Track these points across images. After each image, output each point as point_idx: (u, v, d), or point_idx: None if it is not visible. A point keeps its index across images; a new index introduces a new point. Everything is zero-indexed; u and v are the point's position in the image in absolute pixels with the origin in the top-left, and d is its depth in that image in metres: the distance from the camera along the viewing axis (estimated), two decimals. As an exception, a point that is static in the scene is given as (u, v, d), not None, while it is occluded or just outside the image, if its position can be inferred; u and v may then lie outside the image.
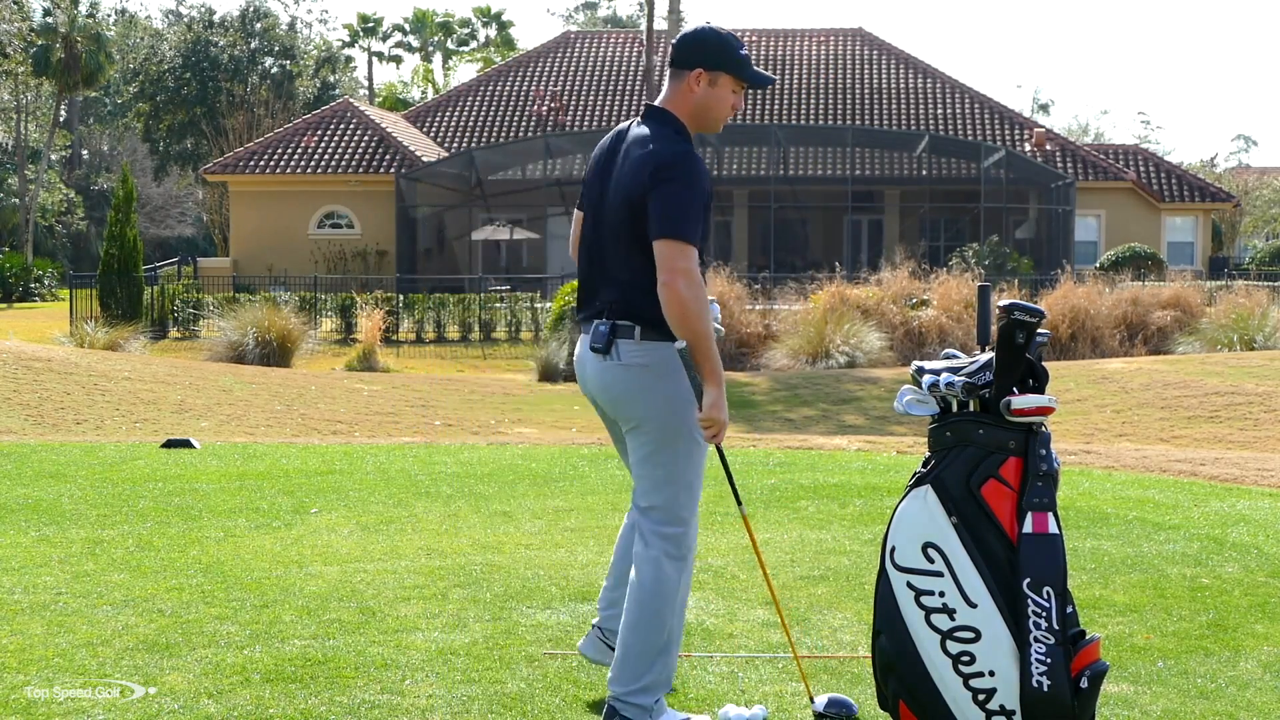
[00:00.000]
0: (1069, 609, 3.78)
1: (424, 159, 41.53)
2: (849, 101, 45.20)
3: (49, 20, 51.32)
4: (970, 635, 3.77)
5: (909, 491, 3.92)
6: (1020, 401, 3.81)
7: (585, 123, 45.07)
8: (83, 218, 60.99)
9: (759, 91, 45.78)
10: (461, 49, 73.44)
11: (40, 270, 48.51)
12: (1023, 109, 77.52)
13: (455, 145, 44.20)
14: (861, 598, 5.64)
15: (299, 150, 42.36)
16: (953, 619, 3.79)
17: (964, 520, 3.82)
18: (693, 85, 4.18)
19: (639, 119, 4.30)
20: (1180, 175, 44.80)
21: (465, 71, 71.15)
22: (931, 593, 3.82)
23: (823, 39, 48.05)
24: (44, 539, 6.83)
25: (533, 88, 46.62)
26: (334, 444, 12.22)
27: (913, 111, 44.60)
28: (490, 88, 47.16)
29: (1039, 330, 3.87)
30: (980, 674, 3.76)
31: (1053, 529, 3.78)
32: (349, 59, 72.13)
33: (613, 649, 4.34)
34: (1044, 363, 3.94)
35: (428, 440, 12.85)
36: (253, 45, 61.78)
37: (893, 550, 3.90)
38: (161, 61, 60.19)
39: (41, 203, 55.53)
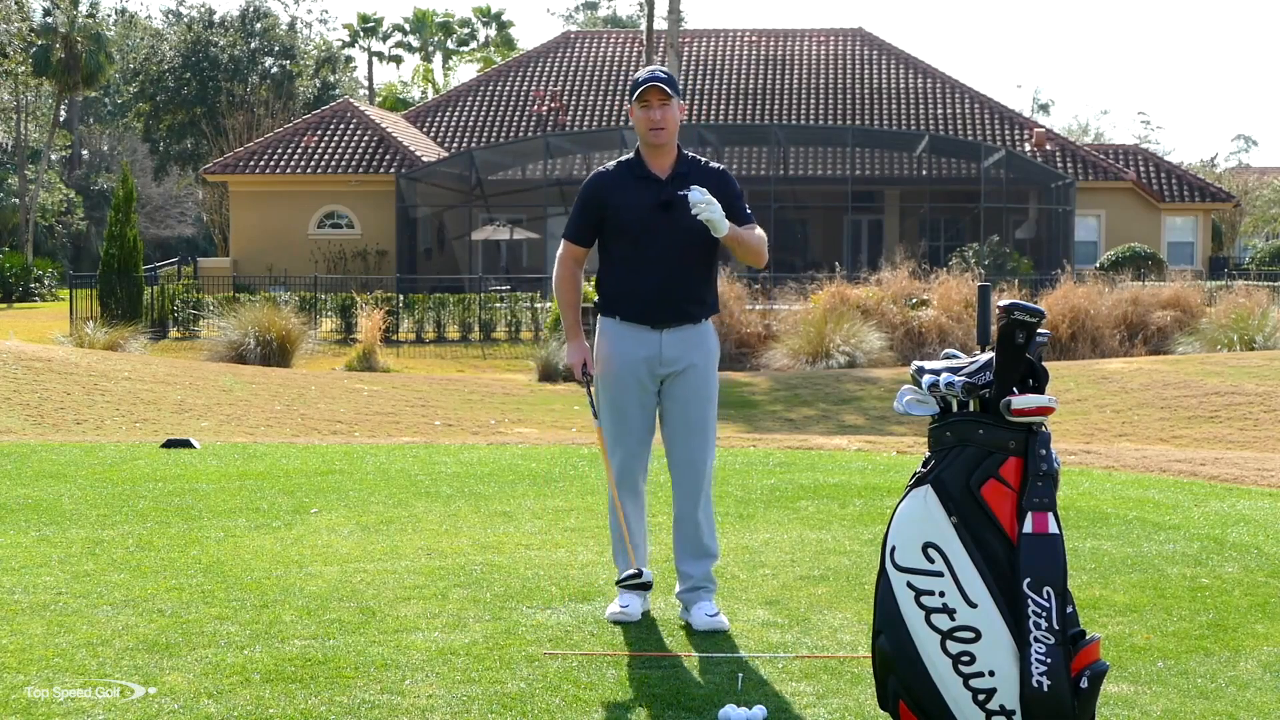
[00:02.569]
0: (1069, 609, 3.78)
1: (424, 159, 41.53)
2: (849, 101, 45.19)
3: (49, 20, 51.33)
4: (970, 635, 3.78)
5: (909, 491, 3.92)
6: (1020, 401, 3.81)
7: (585, 123, 45.06)
8: (83, 218, 60.99)
9: (759, 92, 45.87)
10: (461, 49, 73.43)
11: (40, 270, 48.52)
12: (1023, 109, 77.54)
13: (455, 145, 44.19)
14: (861, 598, 5.65)
15: (299, 150, 42.36)
16: (953, 619, 3.79)
17: (964, 520, 3.82)
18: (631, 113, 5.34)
19: None
20: (1180, 175, 44.79)
21: (465, 71, 71.20)
22: (931, 593, 3.82)
23: (823, 39, 48.05)
24: (44, 539, 6.83)
25: (533, 88, 46.62)
26: (334, 444, 12.22)
27: (913, 111, 44.60)
28: (490, 88, 47.16)
29: (1039, 330, 3.86)
30: (980, 674, 3.77)
31: (1053, 529, 3.78)
32: (349, 59, 72.16)
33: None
34: (1044, 363, 3.94)
35: (428, 440, 12.85)
36: (253, 45, 61.76)
37: (893, 550, 3.90)
38: (161, 61, 60.18)
39: (41, 203, 55.54)
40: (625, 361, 5.33)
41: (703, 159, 5.38)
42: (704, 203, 5.05)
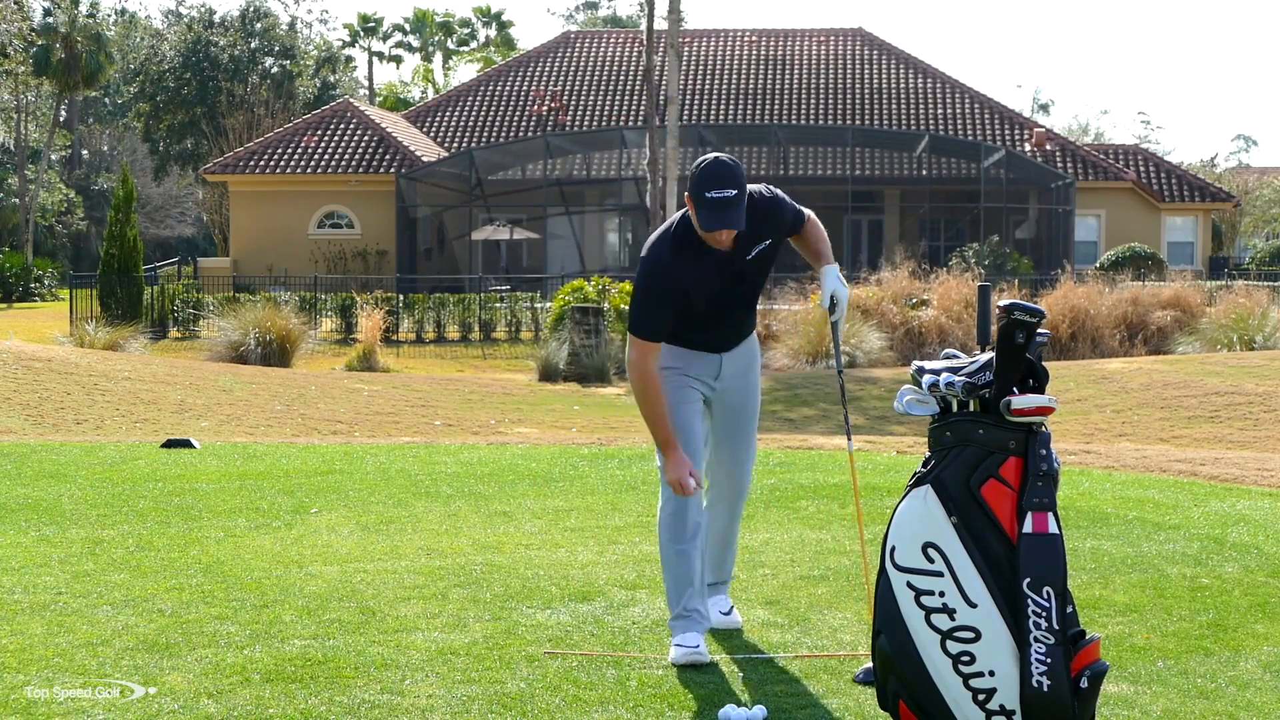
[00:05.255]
0: (1069, 609, 3.78)
1: (424, 159, 41.53)
2: (849, 101, 45.19)
3: (49, 20, 51.30)
4: (970, 635, 3.78)
5: (909, 491, 3.92)
6: (1020, 401, 3.81)
7: (585, 123, 45.06)
8: (83, 218, 60.97)
9: (759, 92, 45.88)
10: (461, 49, 73.44)
11: (40, 270, 48.50)
12: (1023, 109, 77.47)
13: (455, 145, 44.19)
14: (861, 598, 5.65)
15: (299, 150, 42.36)
16: (953, 619, 3.79)
17: (964, 520, 3.82)
18: (688, 201, 4.77)
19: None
20: (1180, 175, 44.79)
21: (465, 71, 71.18)
22: (931, 593, 3.82)
23: (823, 39, 48.05)
24: (44, 539, 6.83)
25: (533, 88, 46.61)
26: (334, 444, 12.22)
27: (913, 111, 44.59)
28: (490, 88, 47.16)
29: (1039, 330, 3.87)
30: (980, 674, 3.77)
31: (1053, 529, 3.78)
32: (349, 59, 72.12)
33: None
34: (1044, 363, 3.94)
35: (428, 440, 12.85)
36: (253, 45, 61.72)
37: (893, 550, 3.90)
38: (161, 61, 60.15)
39: (41, 203, 55.52)
40: (686, 376, 5.05)
41: (753, 195, 4.86)
42: (843, 315, 5.07)
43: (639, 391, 4.85)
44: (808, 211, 5.16)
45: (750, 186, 4.87)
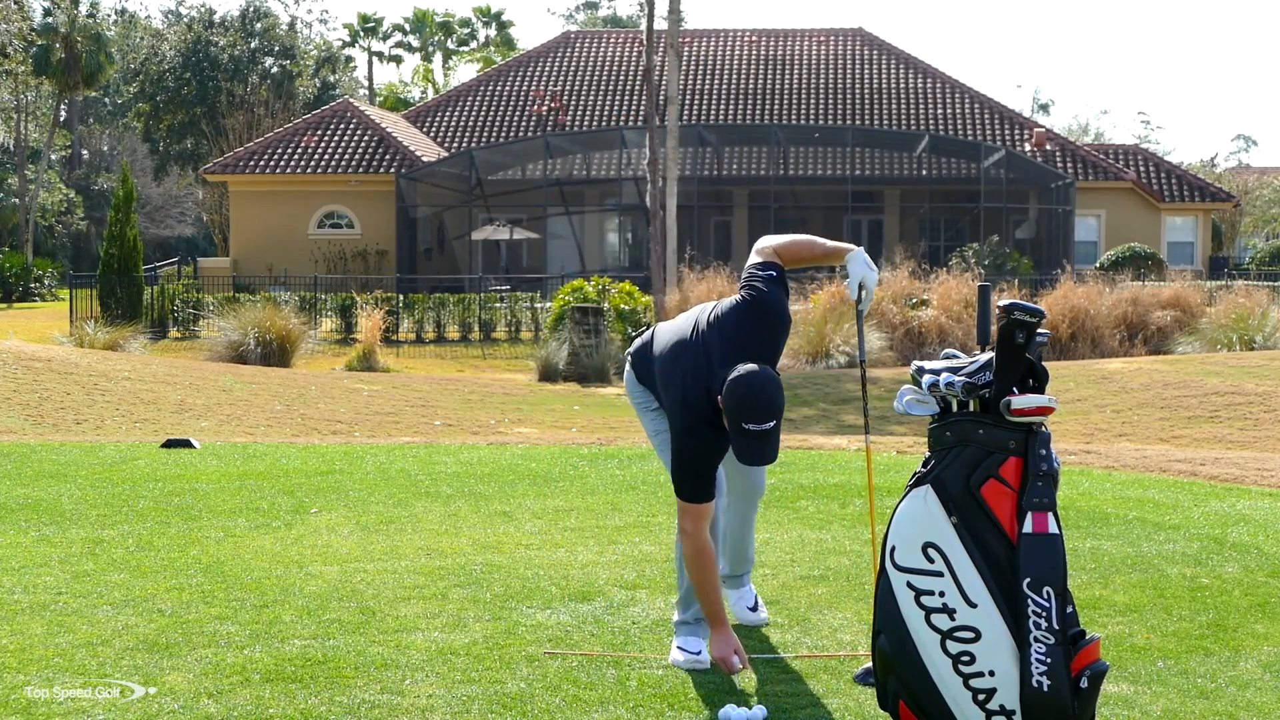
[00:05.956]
0: (1069, 609, 3.78)
1: (424, 159, 41.52)
2: (849, 101, 45.19)
3: (49, 20, 51.30)
4: (970, 635, 3.78)
5: (909, 491, 3.92)
6: (1020, 401, 3.81)
7: (585, 123, 45.06)
8: (83, 218, 60.96)
9: (759, 92, 45.86)
10: (461, 49, 73.43)
11: (40, 270, 48.51)
12: (1023, 109, 77.49)
13: (455, 145, 44.18)
14: (861, 598, 5.65)
15: (299, 150, 42.35)
16: (953, 619, 3.79)
17: (964, 520, 3.82)
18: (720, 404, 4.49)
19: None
20: (1180, 175, 44.77)
21: (465, 71, 71.18)
22: (931, 592, 3.82)
23: (823, 39, 48.05)
24: (44, 539, 6.83)
25: (533, 88, 46.61)
26: (334, 444, 12.22)
27: (913, 111, 44.59)
28: (490, 88, 47.15)
29: (1039, 330, 3.87)
30: (980, 674, 3.77)
31: (1053, 529, 3.78)
32: (349, 59, 72.12)
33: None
34: (1044, 363, 3.94)
35: (428, 440, 12.85)
36: (253, 45, 61.72)
37: (893, 550, 3.90)
38: (161, 61, 60.14)
39: (41, 203, 55.52)
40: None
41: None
42: (869, 296, 4.66)
43: (694, 560, 4.66)
44: (766, 252, 4.81)
45: (742, 299, 4.81)
